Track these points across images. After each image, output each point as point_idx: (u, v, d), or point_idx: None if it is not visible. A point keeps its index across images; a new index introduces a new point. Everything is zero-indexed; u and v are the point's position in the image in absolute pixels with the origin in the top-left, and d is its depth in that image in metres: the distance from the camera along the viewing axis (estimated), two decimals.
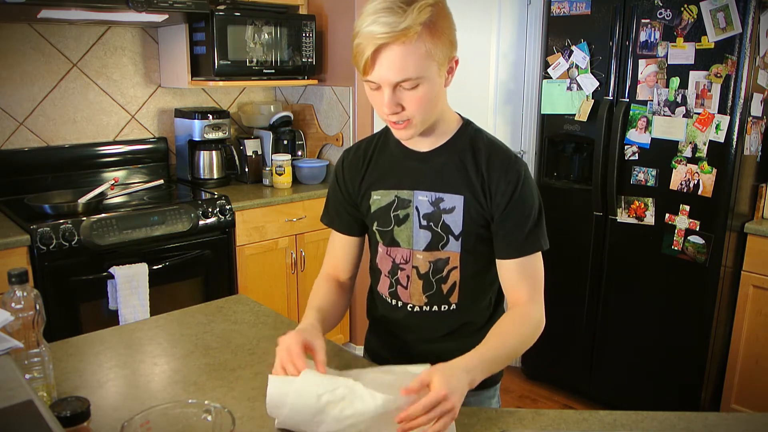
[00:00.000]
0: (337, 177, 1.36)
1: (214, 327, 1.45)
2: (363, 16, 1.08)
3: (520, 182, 1.19)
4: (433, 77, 1.10)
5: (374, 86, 1.12)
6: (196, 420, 0.92)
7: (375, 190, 1.29)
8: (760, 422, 1.11)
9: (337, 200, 1.37)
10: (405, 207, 1.26)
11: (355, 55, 1.09)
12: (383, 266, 1.33)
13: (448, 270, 1.26)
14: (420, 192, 1.24)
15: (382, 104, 1.12)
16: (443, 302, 1.28)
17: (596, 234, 2.75)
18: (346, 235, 1.37)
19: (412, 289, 1.29)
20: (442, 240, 1.24)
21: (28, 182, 2.66)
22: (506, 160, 1.21)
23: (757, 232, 2.47)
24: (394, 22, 1.03)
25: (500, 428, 1.06)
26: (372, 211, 1.30)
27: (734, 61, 2.27)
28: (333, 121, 3.14)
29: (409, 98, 1.11)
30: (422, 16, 1.05)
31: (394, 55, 1.06)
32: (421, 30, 1.05)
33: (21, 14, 2.33)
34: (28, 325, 1.00)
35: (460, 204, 1.22)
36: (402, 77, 1.08)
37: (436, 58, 1.09)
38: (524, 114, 3.06)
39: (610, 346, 2.81)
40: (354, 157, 1.34)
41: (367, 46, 1.06)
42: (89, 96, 2.85)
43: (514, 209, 1.19)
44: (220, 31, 2.69)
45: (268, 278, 2.85)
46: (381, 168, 1.30)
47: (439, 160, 1.24)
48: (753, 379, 2.55)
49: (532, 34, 2.97)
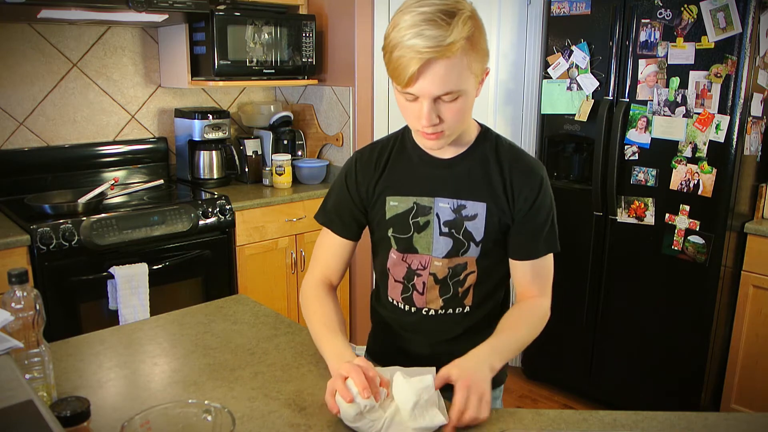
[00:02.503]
0: (347, 178, 1.32)
1: (214, 327, 1.45)
2: (402, 28, 1.04)
3: (543, 188, 1.22)
4: (470, 89, 1.11)
5: (411, 98, 1.10)
6: (196, 420, 0.92)
7: (391, 195, 1.27)
8: (760, 422, 1.11)
9: (343, 202, 1.33)
10: (426, 214, 1.25)
11: (396, 68, 1.06)
12: (396, 272, 1.31)
13: (466, 274, 1.26)
14: (441, 199, 1.24)
15: (418, 115, 1.11)
16: (458, 305, 1.29)
17: (596, 234, 2.75)
18: (342, 239, 1.34)
19: (429, 295, 1.28)
20: (464, 246, 1.24)
21: (28, 182, 2.66)
22: (529, 165, 1.23)
23: (757, 232, 2.47)
24: (440, 36, 1.02)
25: (500, 428, 1.06)
26: (388, 217, 1.28)
27: (734, 61, 2.27)
28: (333, 121, 3.14)
29: (448, 110, 1.10)
30: (465, 30, 1.04)
31: (439, 70, 1.04)
32: (464, 44, 1.04)
33: (21, 14, 2.33)
34: (28, 325, 1.00)
35: (482, 211, 1.22)
36: (444, 91, 1.07)
37: (474, 71, 1.09)
38: (524, 114, 3.06)
39: (610, 346, 2.81)
40: (368, 160, 1.31)
41: (411, 60, 1.03)
42: (89, 96, 2.85)
43: (535, 214, 1.21)
44: (220, 31, 2.69)
45: (268, 278, 2.85)
46: (398, 173, 1.28)
47: (461, 167, 1.24)
48: (753, 379, 2.55)
49: (532, 34, 2.97)
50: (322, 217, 1.37)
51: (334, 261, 1.36)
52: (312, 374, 1.23)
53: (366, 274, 3.15)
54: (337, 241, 1.34)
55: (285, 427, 1.05)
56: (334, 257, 1.36)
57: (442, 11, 1.03)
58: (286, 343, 1.36)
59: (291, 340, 1.38)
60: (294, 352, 1.32)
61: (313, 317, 1.28)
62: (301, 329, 1.44)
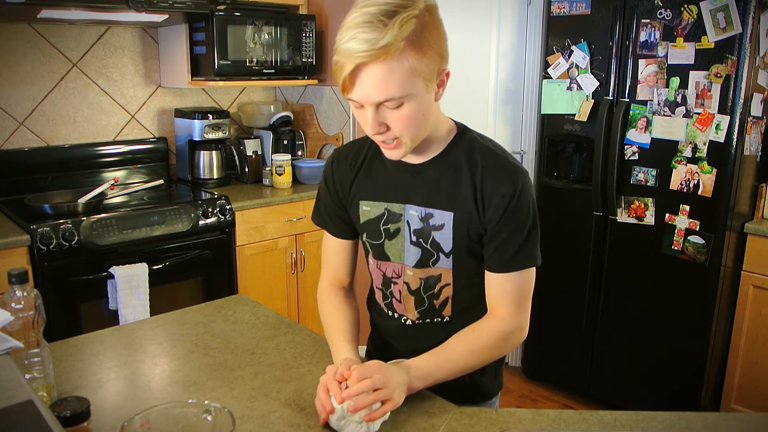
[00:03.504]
0: (326, 179, 1.30)
1: (214, 327, 1.45)
2: (343, 30, 1.00)
3: (515, 195, 1.11)
4: (419, 94, 1.02)
5: (357, 105, 1.05)
6: (196, 420, 0.92)
7: (364, 199, 1.24)
8: (760, 422, 1.11)
9: (328, 203, 1.31)
10: (396, 221, 1.20)
11: (334, 72, 1.02)
12: (375, 278, 1.30)
13: (440, 287, 1.21)
14: (411, 206, 1.18)
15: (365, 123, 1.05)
16: (436, 315, 1.25)
17: (596, 234, 2.75)
18: (339, 239, 1.32)
19: (406, 304, 1.26)
20: (433, 257, 1.19)
21: (28, 182, 2.66)
22: (501, 171, 1.13)
23: (757, 232, 2.47)
24: (374, 38, 0.95)
25: (500, 428, 1.06)
26: (361, 221, 1.25)
27: (734, 61, 2.27)
28: (333, 121, 3.14)
29: (394, 117, 1.03)
30: (405, 31, 0.96)
31: (375, 74, 0.98)
32: (404, 46, 0.96)
33: (21, 14, 2.33)
34: (28, 325, 1.00)
35: (449, 221, 1.15)
36: (384, 97, 1.00)
37: (423, 74, 1.00)
38: (524, 114, 3.06)
39: (610, 346, 2.81)
40: (345, 159, 1.27)
41: (345, 64, 0.98)
42: (89, 96, 2.85)
43: (507, 223, 1.12)
44: (220, 31, 2.69)
45: (268, 278, 2.85)
46: (371, 176, 1.23)
47: (430, 174, 1.17)
48: (753, 379, 2.55)
49: (532, 34, 2.97)
50: (317, 217, 1.35)
51: (338, 262, 1.34)
52: (312, 374, 1.23)
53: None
54: (336, 241, 1.33)
55: (285, 427, 1.05)
56: (338, 258, 1.34)
57: (384, 11, 0.97)
58: (286, 343, 1.36)
59: (291, 340, 1.38)
60: (294, 352, 1.32)
61: (324, 325, 1.29)
62: (301, 329, 1.44)
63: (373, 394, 1.02)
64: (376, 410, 1.02)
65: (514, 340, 1.20)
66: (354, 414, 1.01)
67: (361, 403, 1.00)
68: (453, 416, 1.09)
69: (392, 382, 1.04)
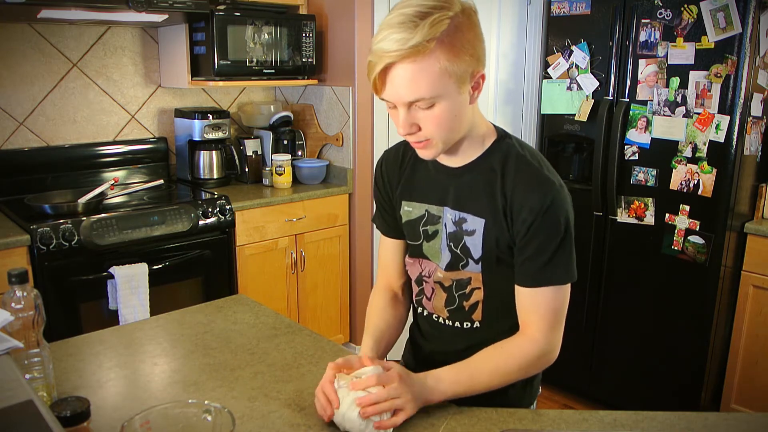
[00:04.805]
0: (376, 179, 1.32)
1: (214, 327, 1.45)
2: (378, 31, 1.01)
3: (543, 210, 1.07)
4: (451, 95, 1.02)
5: (390, 105, 1.06)
6: (196, 420, 0.92)
7: (406, 200, 1.25)
8: (760, 422, 1.11)
9: (380, 202, 1.32)
10: (435, 223, 1.21)
11: (368, 73, 1.04)
12: (412, 273, 1.30)
13: (471, 289, 1.20)
14: (448, 209, 1.19)
15: (398, 123, 1.07)
16: (465, 319, 1.23)
17: (596, 234, 2.75)
18: (391, 239, 1.33)
19: (435, 302, 1.26)
20: (462, 261, 1.18)
21: (28, 182, 2.66)
22: (532, 183, 1.09)
23: (757, 232, 2.47)
24: (404, 38, 0.96)
25: (500, 428, 1.06)
26: (403, 221, 1.27)
27: (734, 61, 2.27)
28: (333, 121, 3.14)
29: (426, 118, 1.04)
30: (435, 31, 0.96)
31: (405, 74, 0.99)
32: (435, 46, 0.97)
33: (21, 14, 2.33)
34: (28, 325, 1.00)
35: (480, 228, 1.14)
36: (415, 97, 1.01)
37: (455, 76, 1.00)
38: (524, 114, 3.06)
39: (610, 346, 2.81)
40: (394, 159, 1.29)
41: (376, 64, 1.00)
42: (89, 96, 2.85)
43: (534, 238, 1.09)
44: (220, 31, 2.69)
45: (268, 278, 2.85)
46: (415, 177, 1.24)
47: (466, 178, 1.16)
48: (753, 379, 2.55)
49: (532, 34, 2.97)
50: (376, 219, 1.36)
51: (390, 263, 1.35)
52: (312, 374, 1.23)
53: (366, 273, 3.15)
54: (388, 242, 1.34)
55: (285, 427, 1.05)
56: (389, 259, 1.35)
57: (419, 12, 0.97)
58: (286, 343, 1.36)
59: (291, 340, 1.38)
60: (294, 352, 1.32)
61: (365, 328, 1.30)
62: (301, 329, 1.44)
63: (386, 402, 1.02)
64: (386, 420, 1.02)
65: (543, 363, 1.18)
66: (361, 416, 1.01)
67: (373, 410, 1.01)
68: (453, 416, 1.09)
69: (408, 393, 1.05)
